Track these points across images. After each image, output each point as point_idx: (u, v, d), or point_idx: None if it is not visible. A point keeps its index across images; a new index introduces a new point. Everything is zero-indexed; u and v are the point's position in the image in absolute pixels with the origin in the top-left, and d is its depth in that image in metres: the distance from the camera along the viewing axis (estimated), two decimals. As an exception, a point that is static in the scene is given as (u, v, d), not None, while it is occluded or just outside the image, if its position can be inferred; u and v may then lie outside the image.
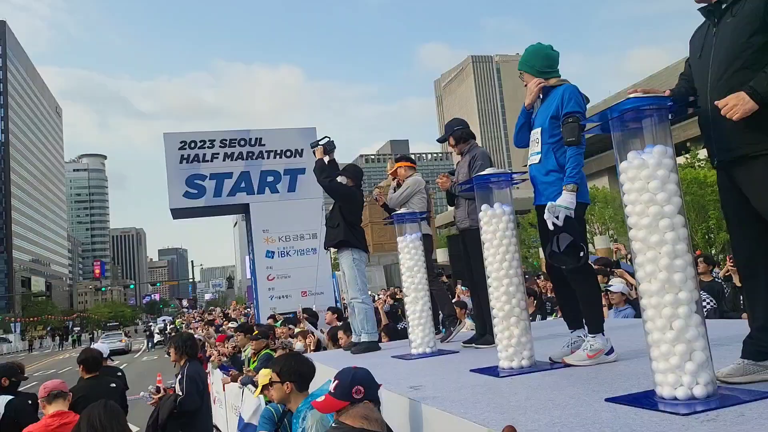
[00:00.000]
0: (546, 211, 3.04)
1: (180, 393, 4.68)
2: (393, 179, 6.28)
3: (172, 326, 32.91)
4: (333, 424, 1.99)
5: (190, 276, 71.71)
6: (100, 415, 2.83)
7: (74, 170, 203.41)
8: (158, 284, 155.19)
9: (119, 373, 6.20)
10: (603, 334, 3.17)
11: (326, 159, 5.70)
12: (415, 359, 4.38)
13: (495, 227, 3.26)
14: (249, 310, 21.01)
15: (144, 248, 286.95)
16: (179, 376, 4.81)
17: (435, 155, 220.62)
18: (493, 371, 3.22)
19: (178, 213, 12.09)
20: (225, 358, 9.82)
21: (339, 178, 5.69)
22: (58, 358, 37.43)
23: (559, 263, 3.11)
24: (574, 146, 3.12)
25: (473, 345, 4.66)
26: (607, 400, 2.25)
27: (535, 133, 3.40)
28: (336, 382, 2.55)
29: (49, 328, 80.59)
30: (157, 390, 5.02)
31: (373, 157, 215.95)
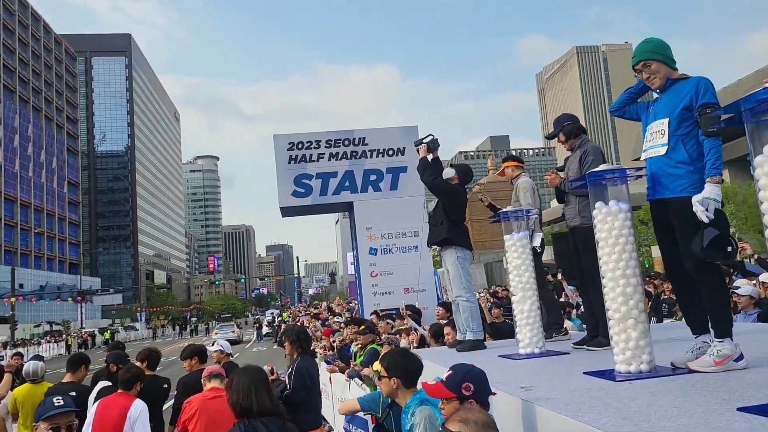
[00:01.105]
0: (695, 203, 2.92)
1: (288, 386, 4.89)
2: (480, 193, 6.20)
3: (279, 319, 34.38)
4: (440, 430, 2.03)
5: (296, 271, 74.63)
6: (248, 377, 3.03)
7: (190, 171, 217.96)
8: (266, 279, 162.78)
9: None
10: (731, 339, 2.96)
11: (430, 157, 5.73)
12: (523, 359, 4.31)
13: (610, 225, 3.14)
14: (351, 305, 21.54)
15: (253, 244, 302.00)
16: (289, 369, 5.02)
17: (537, 151, 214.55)
18: (608, 375, 3.10)
19: (286, 211, 12.61)
20: (331, 352, 10.12)
21: (447, 171, 5.70)
22: (178, 345, 40.22)
23: (708, 259, 2.96)
24: (713, 137, 2.99)
25: (584, 347, 4.51)
26: (739, 409, 2.11)
27: (660, 124, 3.24)
28: (450, 372, 2.60)
29: (169, 318, 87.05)
30: (272, 371, 5.24)
31: (472, 153, 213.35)
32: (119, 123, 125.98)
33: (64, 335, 49.42)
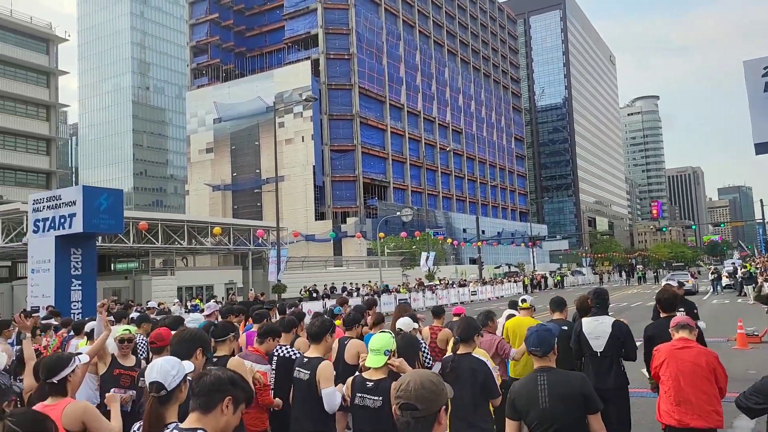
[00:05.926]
0: None
1: None
2: None
3: (743, 270, 30.43)
4: None
5: (758, 216, 64.34)
6: None
7: (628, 114, 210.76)
8: (722, 225, 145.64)
9: None
10: None
11: None
12: None
13: None
14: None
15: (701, 187, 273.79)
16: None
17: None
18: None
19: (762, 148, 10.85)
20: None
21: None
22: (627, 292, 40.02)
23: None
24: None
25: None
26: None
27: None
28: None
29: (615, 265, 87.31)
30: None
31: None
32: (556, 76, 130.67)
33: (520, 276, 55.06)
